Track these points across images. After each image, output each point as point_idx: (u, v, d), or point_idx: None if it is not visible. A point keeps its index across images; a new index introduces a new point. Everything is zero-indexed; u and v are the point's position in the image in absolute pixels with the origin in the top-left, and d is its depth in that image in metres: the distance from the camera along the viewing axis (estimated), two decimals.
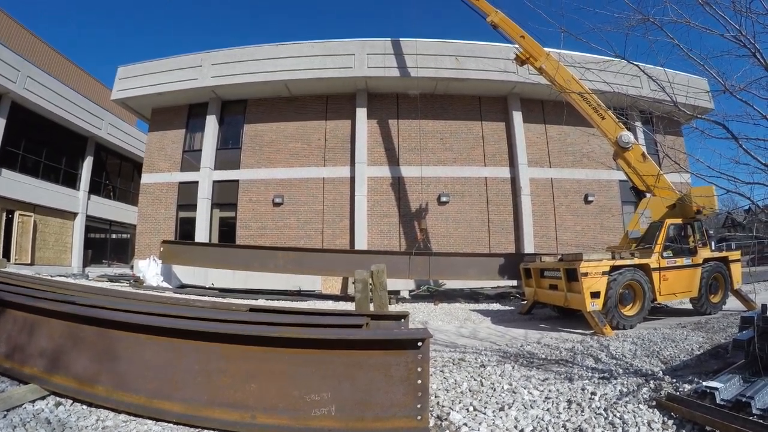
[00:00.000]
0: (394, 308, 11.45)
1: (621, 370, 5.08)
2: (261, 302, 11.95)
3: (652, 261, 8.93)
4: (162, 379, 3.46)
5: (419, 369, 3.21)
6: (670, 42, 4.30)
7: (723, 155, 4.63)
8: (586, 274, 8.06)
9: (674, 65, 6.93)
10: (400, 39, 16.93)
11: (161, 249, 14.88)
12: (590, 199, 17.47)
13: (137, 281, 14.98)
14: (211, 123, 18.00)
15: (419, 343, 3.23)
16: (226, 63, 17.49)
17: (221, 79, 17.39)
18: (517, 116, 17.35)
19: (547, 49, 12.23)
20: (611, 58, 4.77)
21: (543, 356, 6.00)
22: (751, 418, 3.20)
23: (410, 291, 14.80)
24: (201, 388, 3.37)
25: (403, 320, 5.08)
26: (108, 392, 3.55)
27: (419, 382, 3.21)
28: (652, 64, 4.97)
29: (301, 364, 3.27)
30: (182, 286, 15.24)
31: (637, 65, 4.75)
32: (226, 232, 17.36)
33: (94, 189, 24.83)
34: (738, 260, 10.30)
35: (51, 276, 16.12)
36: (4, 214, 19.85)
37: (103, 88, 27.55)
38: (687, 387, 4.18)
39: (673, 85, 4.88)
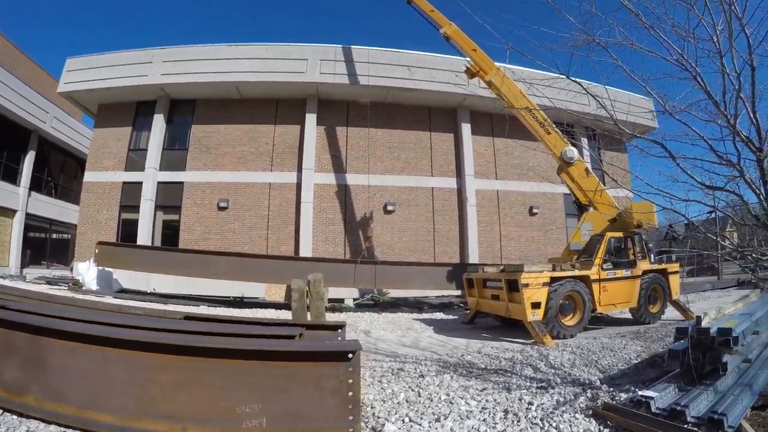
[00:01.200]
0: (339, 317, 11.48)
1: (559, 380, 5.18)
2: (202, 309, 11.79)
3: (592, 273, 9.19)
4: (93, 388, 3.40)
5: (350, 381, 3.23)
6: (615, 62, 4.44)
7: (662, 173, 4.83)
8: (527, 285, 8.22)
9: (620, 85, 7.15)
10: (353, 46, 16.98)
11: (96, 251, 14.39)
12: (535, 211, 17.92)
13: (76, 284, 14.51)
14: (159, 122, 17.58)
15: (350, 355, 3.26)
16: (177, 61, 17.11)
17: (171, 77, 17.00)
18: (466, 128, 17.67)
19: (497, 64, 12.42)
20: (557, 75, 4.89)
21: (483, 366, 6.05)
22: (685, 426, 3.33)
23: (355, 299, 14.77)
24: (132, 398, 3.32)
25: (339, 330, 5.11)
26: (38, 402, 3.47)
27: (350, 394, 3.24)
28: (598, 83, 5.13)
29: (233, 374, 3.26)
30: (123, 291, 14.72)
31: (579, 83, 4.91)
32: (170, 235, 16.96)
33: (36, 186, 23.65)
34: (676, 272, 10.77)
35: None
36: None
37: (50, 78, 26.39)
38: (624, 396, 4.29)
39: (616, 103, 5.08)
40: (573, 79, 4.87)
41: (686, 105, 4.38)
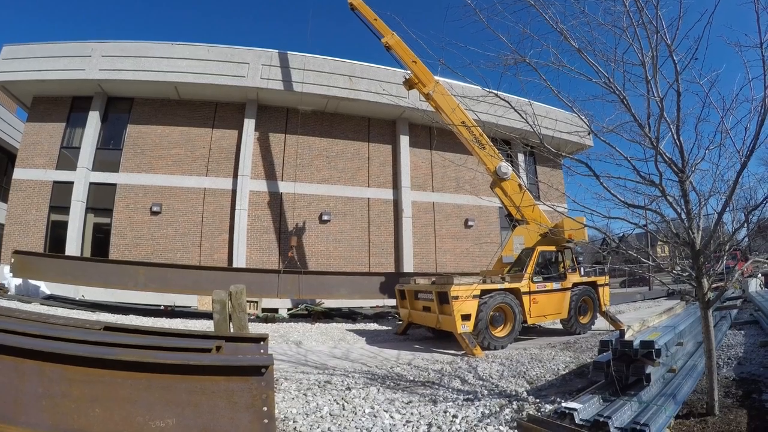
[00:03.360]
0: (272, 327, 11.50)
1: (486, 392, 5.28)
2: (129, 319, 11.61)
3: (523, 285, 9.50)
4: (6, 401, 3.26)
5: (264, 396, 3.22)
6: (543, 83, 4.59)
7: (590, 190, 5.03)
8: (456, 298, 8.40)
9: (554, 104, 7.42)
10: (295, 53, 16.95)
11: (12, 260, 13.93)
12: (470, 223, 18.39)
13: (1, 289, 13.99)
14: (94, 119, 17.04)
15: (263, 370, 3.25)
16: (116, 56, 16.61)
17: (109, 73, 16.49)
18: (404, 140, 17.93)
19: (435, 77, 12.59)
20: (488, 91, 5.02)
21: (411, 378, 6.10)
22: None
23: (288, 309, 14.77)
24: (45, 412, 3.21)
25: (262, 342, 4.92)
26: None
27: (265, 409, 3.22)
28: (533, 101, 5.27)
29: (146, 388, 3.21)
30: (51, 297, 14.26)
31: (507, 101, 5.00)
32: (101, 239, 16.51)
33: None
34: (606, 284, 11.27)
35: None
36: None
37: None
38: (549, 407, 4.43)
39: (556, 121, 5.27)
40: (501, 96, 5.01)
41: (614, 126, 4.63)
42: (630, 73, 4.38)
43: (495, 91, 4.98)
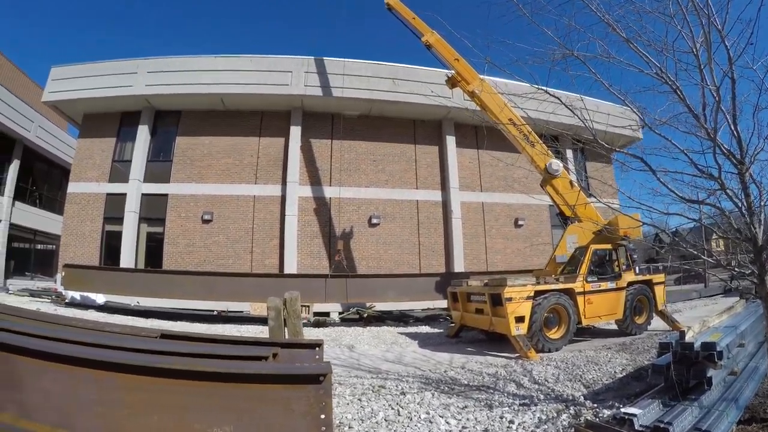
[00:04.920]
0: (324, 332, 11.42)
1: (542, 396, 5.13)
2: (183, 326, 11.66)
3: (577, 285, 9.20)
4: (64, 408, 3.25)
5: (322, 404, 3.14)
6: (593, 76, 4.41)
7: (644, 186, 4.81)
8: (510, 299, 8.19)
9: (603, 97, 7.11)
10: (337, 59, 16.95)
11: (62, 273, 14.27)
12: (520, 223, 17.97)
13: (59, 297, 14.37)
14: (143, 133, 17.46)
15: (321, 378, 3.17)
16: (161, 72, 17.02)
17: (156, 88, 16.90)
18: (451, 141, 17.71)
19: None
20: (537, 87, 4.85)
21: (465, 382, 5.99)
22: None
23: (339, 313, 14.64)
24: (100, 419, 3.19)
25: (317, 348, 4.95)
26: (14, 420, 3.26)
27: (322, 416, 3.14)
28: (580, 94, 5.09)
29: (203, 396, 3.18)
30: (106, 305, 14.38)
31: (557, 97, 4.84)
32: (154, 247, 16.83)
33: (20, 195, 23.44)
34: (662, 282, 10.79)
35: None
36: None
37: (36, 87, 26.20)
38: (607, 412, 4.26)
39: (602, 114, 5.04)
40: (551, 92, 4.85)
41: (667, 118, 4.40)
42: (682, 62, 4.14)
43: (544, 88, 4.81)
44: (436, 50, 13.14)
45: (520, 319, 8.22)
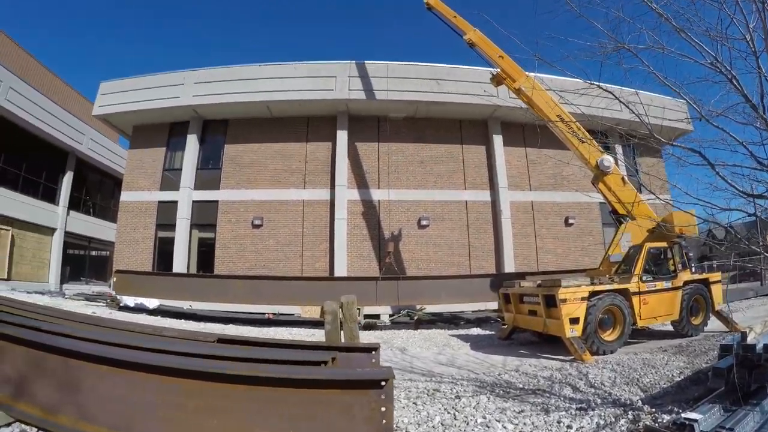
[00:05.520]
0: (374, 334, 11.37)
1: (599, 400, 5.02)
2: (236, 329, 11.77)
3: (632, 285, 8.90)
4: (124, 411, 3.41)
5: (383, 409, 3.15)
6: (647, 69, 4.26)
7: (701, 181, 4.63)
8: (564, 300, 7.99)
9: (654, 90, 6.86)
10: (380, 62, 17.03)
11: (114, 279, 14.64)
12: (571, 221, 17.56)
13: (114, 301, 14.73)
14: (192, 142, 17.87)
15: (383, 383, 3.17)
16: (208, 82, 17.41)
17: (203, 98, 17.29)
18: (498, 140, 17.46)
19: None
20: (588, 84, 4.74)
21: (520, 385, 5.91)
22: None
23: (390, 316, 14.56)
24: (161, 422, 3.31)
25: (373, 352, 4.96)
26: (72, 422, 3.48)
27: (384, 422, 3.16)
28: (630, 88, 4.90)
29: (263, 401, 3.23)
30: (159, 308, 14.80)
31: (611, 92, 4.72)
32: (205, 252, 17.18)
33: (74, 205, 24.46)
34: (718, 281, 10.34)
35: (28, 292, 15.95)
36: None
37: (86, 102, 27.28)
38: (666, 418, 4.12)
39: (650, 107, 4.87)
40: (604, 87, 4.71)
41: (723, 109, 4.17)
42: (737, 49, 3.90)
43: (597, 83, 4.66)
44: (479, 48, 12.98)
45: (574, 321, 8.00)
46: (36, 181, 22.47)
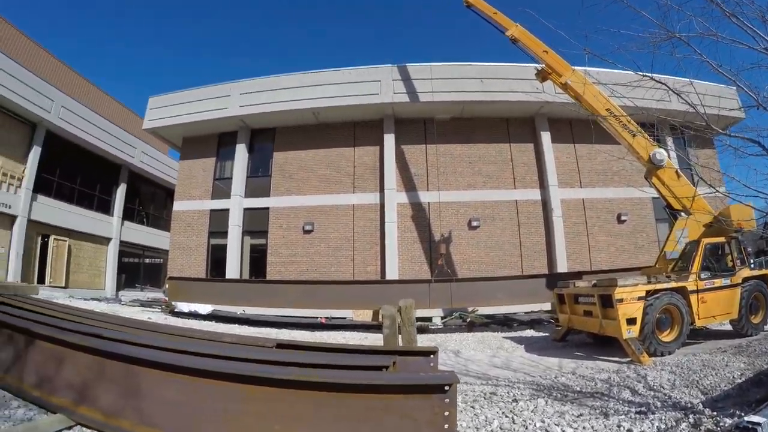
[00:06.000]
0: (427, 337, 11.34)
1: (659, 403, 4.91)
2: (290, 333, 11.87)
3: (690, 283, 8.58)
4: (184, 416, 3.49)
5: (446, 413, 3.14)
6: (699, 57, 4.19)
7: (759, 172, 4.50)
8: (621, 300, 7.77)
9: (708, 78, 6.61)
10: (424, 64, 17.02)
11: (166, 286, 15.03)
12: (623, 218, 17.12)
13: (168, 307, 15.21)
14: (241, 151, 18.29)
15: (446, 388, 3.17)
16: (253, 92, 17.80)
17: (249, 108, 17.69)
18: (546, 137, 17.17)
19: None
20: (640, 74, 4.65)
21: (578, 388, 5.82)
22: None
23: (442, 318, 14.47)
24: (222, 427, 3.37)
25: (432, 356, 4.96)
26: (133, 426, 3.58)
27: (446, 426, 3.16)
28: (682, 77, 4.83)
29: (326, 406, 3.24)
30: (212, 314, 15.09)
31: (664, 84, 4.62)
32: (257, 258, 17.54)
33: (128, 215, 25.55)
34: None
35: (85, 299, 16.60)
36: (40, 239, 20.57)
37: (136, 116, 28.46)
38: (728, 421, 4.00)
39: (704, 97, 4.74)
40: (657, 79, 4.59)
41: None
42: None
43: (649, 75, 4.54)
44: (522, 44, 12.81)
45: (631, 321, 7.76)
46: (91, 193, 23.50)
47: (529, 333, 11.95)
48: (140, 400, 3.64)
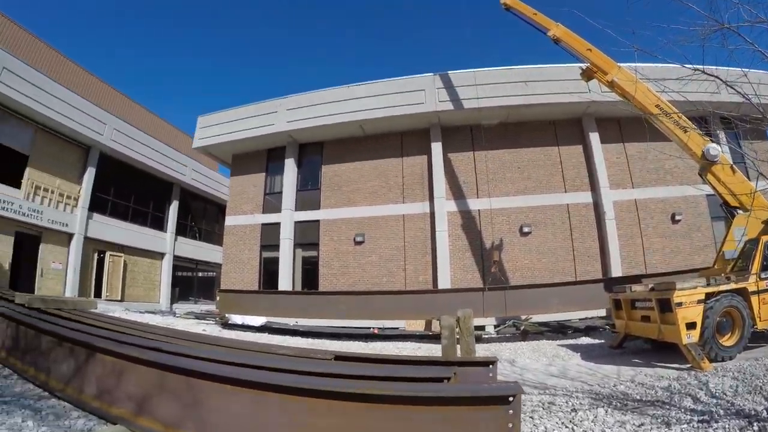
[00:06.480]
0: (481, 347, 11.27)
1: (722, 411, 4.83)
2: (342, 344, 12.00)
3: (750, 284, 8.30)
4: (246, 429, 3.54)
5: (510, 425, 3.09)
6: (751, 47, 4.13)
7: None
8: (680, 304, 7.60)
9: (760, 68, 6.41)
10: (467, 70, 17.01)
11: (218, 298, 15.44)
12: (677, 218, 16.65)
13: (222, 319, 15.64)
14: (290, 166, 18.73)
15: (511, 398, 3.13)
16: (300, 108, 18.23)
17: (297, 123, 18.13)
18: (594, 137, 16.86)
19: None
20: (691, 68, 4.57)
21: (637, 397, 5.74)
22: None
23: (495, 327, 14.45)
24: None
25: (491, 366, 4.95)
26: None
27: None
28: (735, 68, 4.72)
29: (389, 419, 3.23)
30: (265, 325, 15.45)
31: (716, 77, 4.53)
32: (309, 270, 17.93)
33: (181, 231, 26.51)
34: None
35: (140, 312, 17.31)
36: (96, 255, 21.57)
37: (185, 136, 29.66)
38: None
39: (758, 86, 4.65)
40: (709, 72, 4.49)
41: None
42: None
43: (701, 67, 4.43)
44: (565, 43, 12.67)
45: (690, 326, 7.56)
46: (144, 211, 24.51)
47: (585, 340, 11.83)
48: (201, 412, 3.72)
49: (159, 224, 25.33)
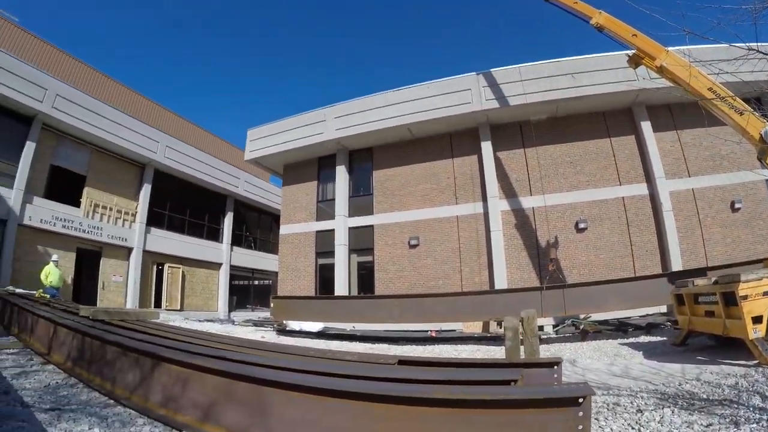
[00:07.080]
0: (540, 347, 11.26)
1: None
2: (401, 348, 12.18)
3: None
4: None
5: (580, 427, 3.03)
6: None
7: None
8: (745, 297, 7.29)
9: None
10: (512, 66, 16.91)
11: (272, 305, 15.85)
12: (737, 206, 16.10)
13: (280, 326, 16.00)
14: (341, 173, 19.18)
15: (581, 400, 3.06)
16: (348, 115, 18.62)
17: (345, 131, 18.54)
18: (646, 126, 16.42)
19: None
20: (743, 47, 4.52)
21: (704, 396, 5.61)
22: None
23: (554, 326, 14.30)
24: None
25: (555, 367, 4.86)
26: None
27: None
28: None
29: (456, 423, 3.22)
30: (322, 331, 15.72)
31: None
32: (365, 275, 18.30)
33: (236, 241, 27.52)
34: None
35: (199, 321, 17.96)
36: (155, 267, 22.62)
37: (236, 149, 30.89)
38: None
39: None
40: (764, 51, 4.44)
41: None
42: None
43: (755, 46, 4.37)
44: (608, 31, 12.32)
45: (757, 320, 7.24)
46: (200, 223, 25.54)
47: (646, 338, 11.61)
48: (267, 419, 3.75)
49: (215, 236, 26.36)
